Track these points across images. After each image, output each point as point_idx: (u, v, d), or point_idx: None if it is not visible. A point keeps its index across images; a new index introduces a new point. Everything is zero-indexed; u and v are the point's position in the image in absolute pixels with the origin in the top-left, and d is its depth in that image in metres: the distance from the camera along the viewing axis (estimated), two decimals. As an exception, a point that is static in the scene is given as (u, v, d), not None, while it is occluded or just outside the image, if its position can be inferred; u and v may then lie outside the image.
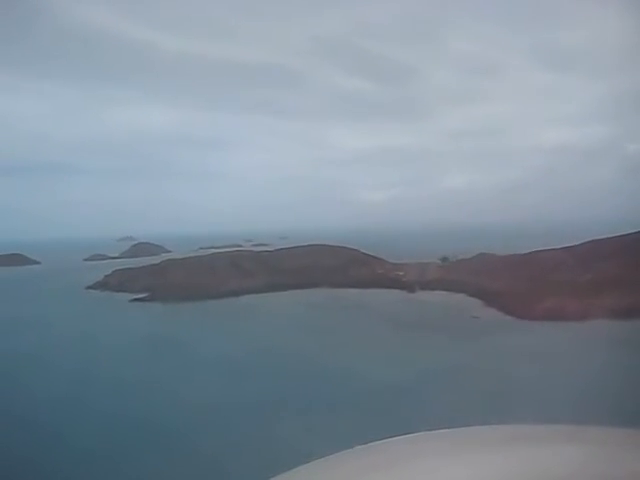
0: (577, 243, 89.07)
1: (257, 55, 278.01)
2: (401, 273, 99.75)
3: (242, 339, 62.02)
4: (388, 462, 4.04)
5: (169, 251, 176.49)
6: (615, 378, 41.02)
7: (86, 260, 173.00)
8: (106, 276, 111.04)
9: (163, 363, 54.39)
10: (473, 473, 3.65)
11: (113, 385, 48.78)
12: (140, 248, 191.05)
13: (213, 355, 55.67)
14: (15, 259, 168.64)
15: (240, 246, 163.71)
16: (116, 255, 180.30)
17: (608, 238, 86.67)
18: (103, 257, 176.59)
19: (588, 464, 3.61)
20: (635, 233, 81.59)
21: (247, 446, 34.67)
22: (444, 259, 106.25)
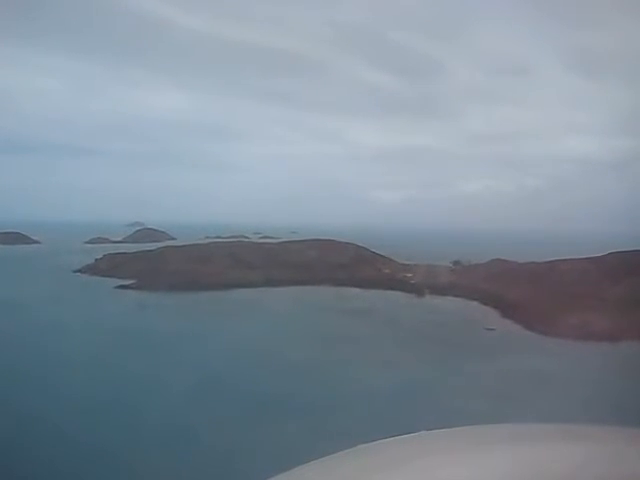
0: (599, 254, 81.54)
1: (276, 41, 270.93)
2: (409, 275, 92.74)
3: (225, 340, 55.04)
4: (388, 462, 3.96)
5: (173, 238, 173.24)
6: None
7: (87, 243, 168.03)
8: (97, 260, 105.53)
9: (128, 360, 47.98)
10: (473, 473, 3.63)
11: (66, 377, 43.08)
12: (144, 234, 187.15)
13: (188, 356, 48.85)
14: (13, 238, 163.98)
15: (247, 238, 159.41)
16: (118, 239, 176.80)
17: (635, 251, 79.25)
18: (104, 240, 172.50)
19: (588, 464, 3.59)
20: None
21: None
22: (456, 262, 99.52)
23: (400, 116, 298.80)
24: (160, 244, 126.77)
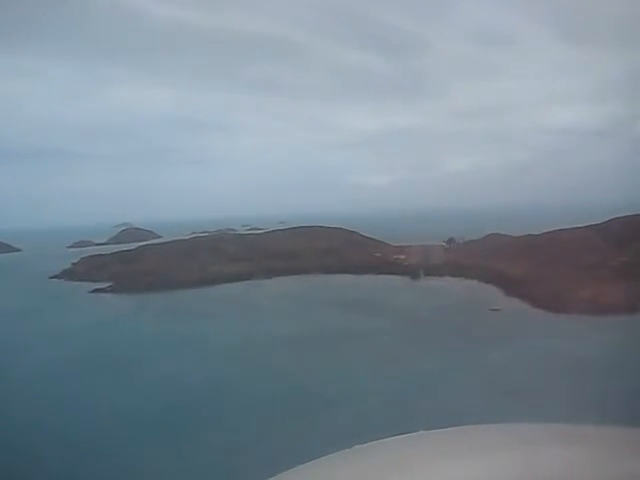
0: (600, 222, 77.44)
1: (255, 25, 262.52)
2: (402, 256, 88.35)
3: (196, 349, 49.63)
4: (387, 462, 3.96)
5: (159, 236, 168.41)
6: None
7: (70, 247, 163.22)
8: (73, 264, 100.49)
9: (96, 369, 43.38)
10: (472, 473, 3.63)
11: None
12: (128, 234, 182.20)
13: (157, 375, 43.59)
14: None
15: (234, 230, 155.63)
16: (103, 241, 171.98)
17: (638, 215, 75.01)
18: (88, 244, 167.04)
19: (586, 464, 3.59)
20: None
21: None
22: (450, 241, 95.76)
23: (385, 97, 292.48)
24: (142, 243, 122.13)
